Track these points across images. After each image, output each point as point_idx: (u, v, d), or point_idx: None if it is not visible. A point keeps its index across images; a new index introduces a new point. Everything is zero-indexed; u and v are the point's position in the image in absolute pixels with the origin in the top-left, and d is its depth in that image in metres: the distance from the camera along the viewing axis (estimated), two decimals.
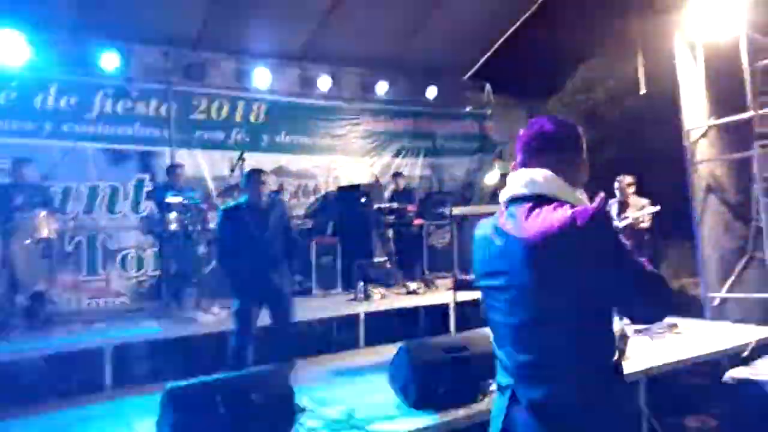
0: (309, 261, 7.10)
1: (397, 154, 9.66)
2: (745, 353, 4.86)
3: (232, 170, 6.85)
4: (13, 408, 4.06)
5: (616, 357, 1.58)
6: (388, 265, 7.64)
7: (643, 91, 7.76)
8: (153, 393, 3.46)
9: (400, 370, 3.96)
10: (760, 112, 5.95)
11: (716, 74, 6.37)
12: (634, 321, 1.66)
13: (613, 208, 6.34)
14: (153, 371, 5.10)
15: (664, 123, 7.03)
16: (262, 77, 8.20)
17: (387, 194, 8.71)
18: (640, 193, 6.43)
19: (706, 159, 6.49)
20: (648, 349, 4.87)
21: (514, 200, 1.66)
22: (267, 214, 4.34)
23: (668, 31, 6.82)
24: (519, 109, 10.79)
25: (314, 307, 6.13)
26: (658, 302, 1.55)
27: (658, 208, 6.14)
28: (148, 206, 7.23)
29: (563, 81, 10.03)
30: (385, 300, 6.46)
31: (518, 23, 9.09)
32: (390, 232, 8.06)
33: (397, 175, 8.71)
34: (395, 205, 7.93)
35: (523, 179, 1.65)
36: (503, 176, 9.21)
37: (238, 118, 8.36)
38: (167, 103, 7.73)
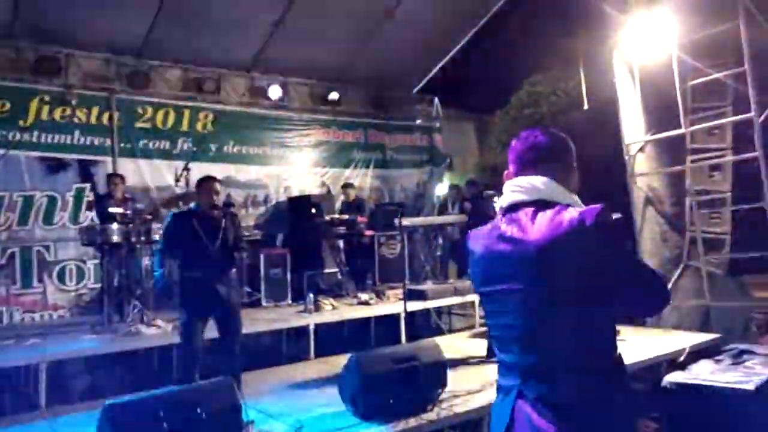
0: (258, 272, 6.99)
1: (347, 165, 9.67)
2: (681, 358, 5.08)
3: (177, 180, 6.66)
4: None
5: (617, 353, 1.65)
6: (339, 276, 7.60)
7: (585, 106, 8.06)
8: (92, 411, 3.30)
9: (350, 381, 3.95)
10: (692, 128, 6.28)
11: (652, 91, 6.69)
12: (634, 314, 1.75)
13: None
14: (93, 388, 4.89)
15: (606, 137, 7.29)
16: (209, 86, 8.09)
17: (338, 205, 8.69)
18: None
19: (644, 172, 6.79)
20: None
21: (513, 207, 1.70)
22: (218, 223, 4.24)
23: (607, 50, 7.12)
24: (467, 122, 11.03)
25: (264, 319, 6.03)
26: (657, 293, 1.64)
27: None
28: (88, 217, 6.97)
29: (510, 95, 10.28)
30: (335, 311, 6.43)
31: (466, 38, 9.29)
32: (341, 243, 8.03)
33: (347, 186, 8.70)
34: (346, 216, 7.91)
35: (523, 186, 1.70)
36: (452, 187, 9.39)
37: (184, 127, 8.19)
38: (110, 111, 7.50)
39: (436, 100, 10.43)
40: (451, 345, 5.86)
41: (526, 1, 8.97)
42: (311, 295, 6.36)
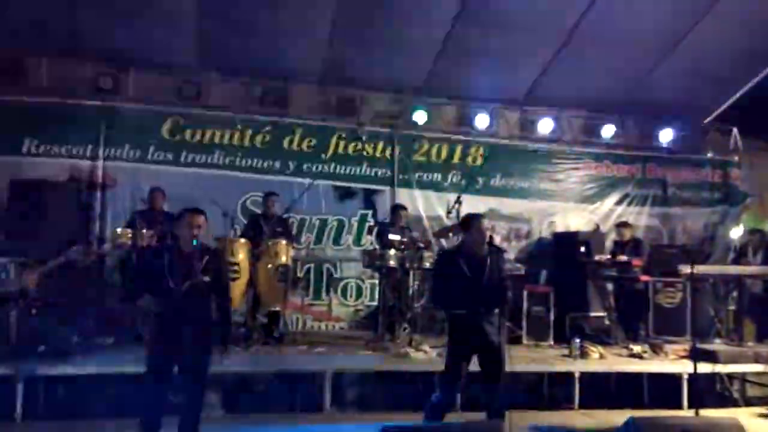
0: (520, 308, 6.84)
1: (620, 202, 8.95)
2: None
3: (449, 212, 6.99)
4: (242, 417, 4.53)
5: None
6: (607, 322, 7.01)
7: None
8: (365, 422, 3.55)
9: None
10: None
11: None
12: None
13: None
14: (362, 399, 5.31)
15: None
16: (481, 121, 8.34)
17: (608, 245, 8.06)
18: None
19: None
20: None
21: None
22: (484, 260, 4.22)
23: None
24: None
25: (524, 358, 5.83)
26: None
27: None
28: (369, 240, 7.72)
29: None
30: (603, 360, 5.90)
31: None
32: (610, 286, 7.40)
33: (621, 224, 7.99)
34: (619, 257, 7.27)
35: None
36: (752, 232, 7.94)
37: (456, 160, 8.55)
38: (392, 145, 8.24)
39: (735, 130, 9.03)
40: (747, 421, 4.88)
41: None
42: (577, 340, 5.97)
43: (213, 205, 5.80)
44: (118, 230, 5.74)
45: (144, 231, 5.61)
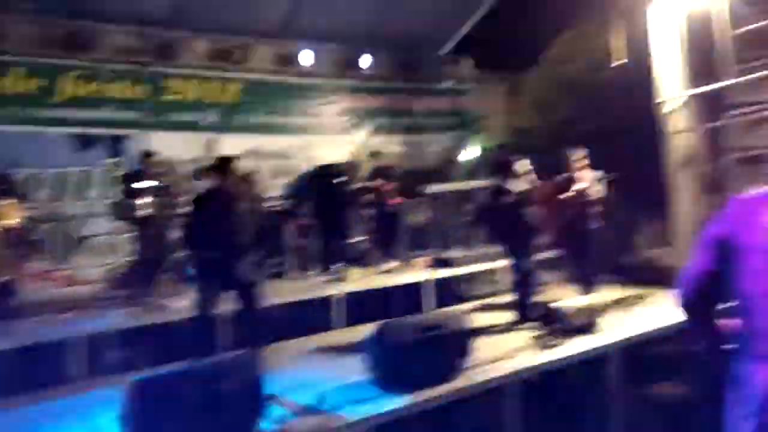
0: (284, 243, 7.01)
1: (374, 132, 9.53)
2: None
3: (205, 152, 6.73)
4: None
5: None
6: (366, 245, 7.57)
7: (620, 61, 7.68)
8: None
9: (374, 351, 3.93)
10: (737, 80, 5.90)
11: (691, 44, 6.31)
12: None
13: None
14: (124, 361, 5.03)
15: (641, 94, 6.97)
16: (236, 55, 8.04)
17: (364, 173, 8.59)
18: (604, 167, 6.10)
19: (680, 130, 6.46)
20: (621, 320, 4.89)
21: None
22: (234, 200, 4.23)
23: (644, 2, 6.74)
24: (497, 84, 10.68)
25: (289, 289, 6.07)
26: None
27: (589, 183, 5.73)
28: (118, 191, 7.09)
29: (542, 54, 9.90)
30: (362, 280, 6.41)
31: None
32: (368, 212, 7.96)
33: (374, 153, 8.56)
34: (373, 183, 7.80)
35: None
36: (483, 151, 9.16)
37: (211, 98, 8.18)
38: (139, 85, 7.54)
39: (468, 60, 10.10)
40: (478, 312, 5.79)
41: None
42: (339, 264, 6.36)
43: None
44: None
45: None
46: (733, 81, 5.88)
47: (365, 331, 4.22)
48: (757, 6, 5.77)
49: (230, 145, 7.69)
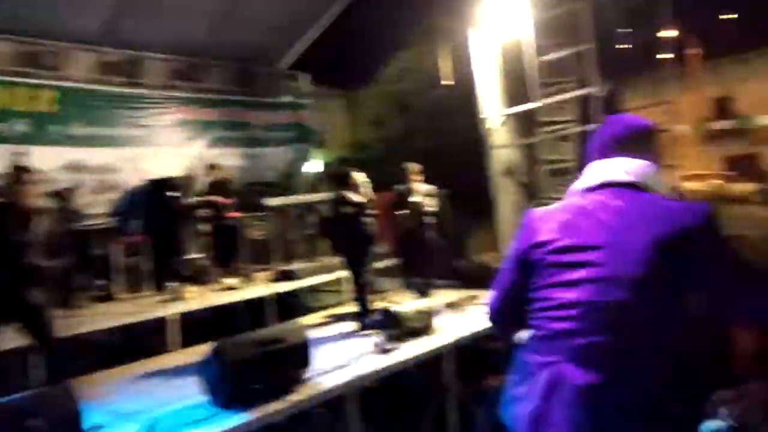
0: (111, 263, 6.45)
1: (209, 145, 9.19)
2: None
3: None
4: None
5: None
6: (204, 262, 7.23)
7: (447, 82, 8.28)
8: None
9: (210, 370, 3.75)
10: (544, 101, 6.67)
11: (506, 69, 7.01)
12: (739, 314, 1.59)
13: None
14: None
15: (467, 112, 7.56)
16: (52, 60, 7.29)
17: (200, 187, 8.22)
18: (437, 179, 6.45)
19: (501, 145, 7.12)
20: (455, 321, 5.20)
21: (605, 186, 1.62)
22: (29, 218, 3.79)
23: (466, 27, 7.35)
24: (336, 99, 10.92)
25: (117, 312, 5.58)
26: (763, 292, 1.51)
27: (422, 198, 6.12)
28: None
29: (378, 72, 10.32)
30: (199, 298, 6.10)
31: (336, 11, 9.16)
32: (204, 227, 7.62)
33: (211, 166, 8.23)
34: (209, 198, 7.49)
35: (629, 167, 1.61)
36: (326, 165, 9.26)
37: (20, 106, 7.31)
38: None
39: (306, 76, 10.19)
40: (322, 323, 5.81)
41: None
42: (172, 284, 5.99)
43: None
44: None
45: None
46: (539, 103, 6.64)
47: (203, 351, 4.01)
48: (556, 39, 6.60)
49: (43, 157, 6.94)
